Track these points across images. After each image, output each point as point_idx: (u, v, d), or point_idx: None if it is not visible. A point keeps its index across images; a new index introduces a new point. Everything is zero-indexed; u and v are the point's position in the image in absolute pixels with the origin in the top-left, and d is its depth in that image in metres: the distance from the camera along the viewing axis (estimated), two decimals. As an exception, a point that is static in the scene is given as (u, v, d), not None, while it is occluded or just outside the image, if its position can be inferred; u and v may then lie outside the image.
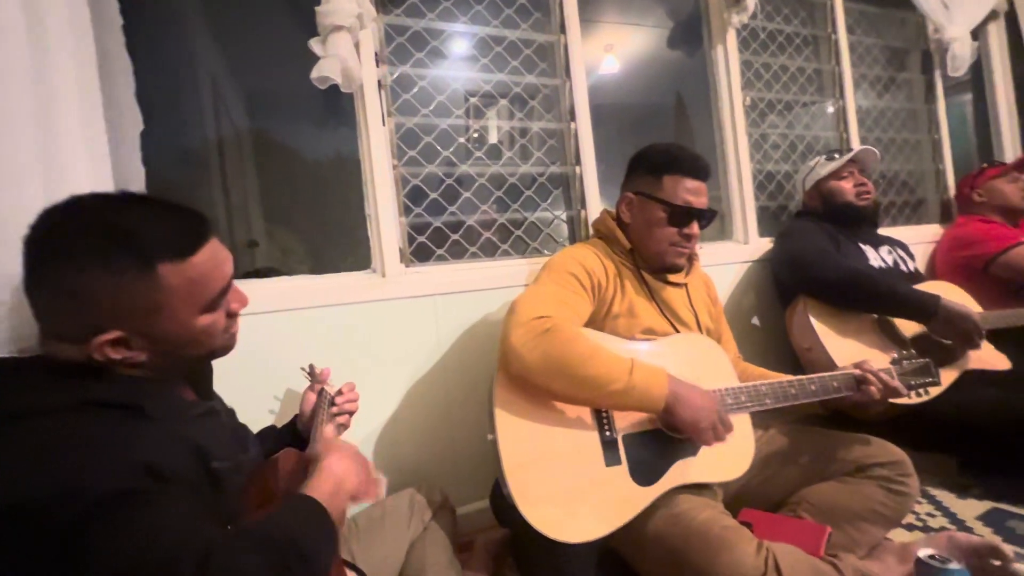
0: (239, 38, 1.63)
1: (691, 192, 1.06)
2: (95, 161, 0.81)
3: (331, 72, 1.13)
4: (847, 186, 1.57)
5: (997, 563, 0.88)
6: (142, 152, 0.95)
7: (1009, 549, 0.88)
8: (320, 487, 0.62)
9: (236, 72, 1.72)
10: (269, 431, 0.96)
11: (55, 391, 0.54)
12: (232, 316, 0.67)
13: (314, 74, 1.14)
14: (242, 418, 0.81)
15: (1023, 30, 2.28)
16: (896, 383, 1.01)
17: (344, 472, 0.66)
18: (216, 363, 0.74)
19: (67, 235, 0.54)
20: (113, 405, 0.55)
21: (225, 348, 0.67)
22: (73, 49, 0.79)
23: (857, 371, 1.03)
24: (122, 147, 0.87)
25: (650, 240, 1.09)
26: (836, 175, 1.59)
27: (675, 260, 1.10)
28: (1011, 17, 2.31)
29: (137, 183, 0.91)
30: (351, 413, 0.98)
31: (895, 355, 1.10)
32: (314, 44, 1.16)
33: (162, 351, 0.59)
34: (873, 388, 1.00)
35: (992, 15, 2.28)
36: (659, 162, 1.08)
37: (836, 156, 1.60)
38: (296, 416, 0.98)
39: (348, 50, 1.15)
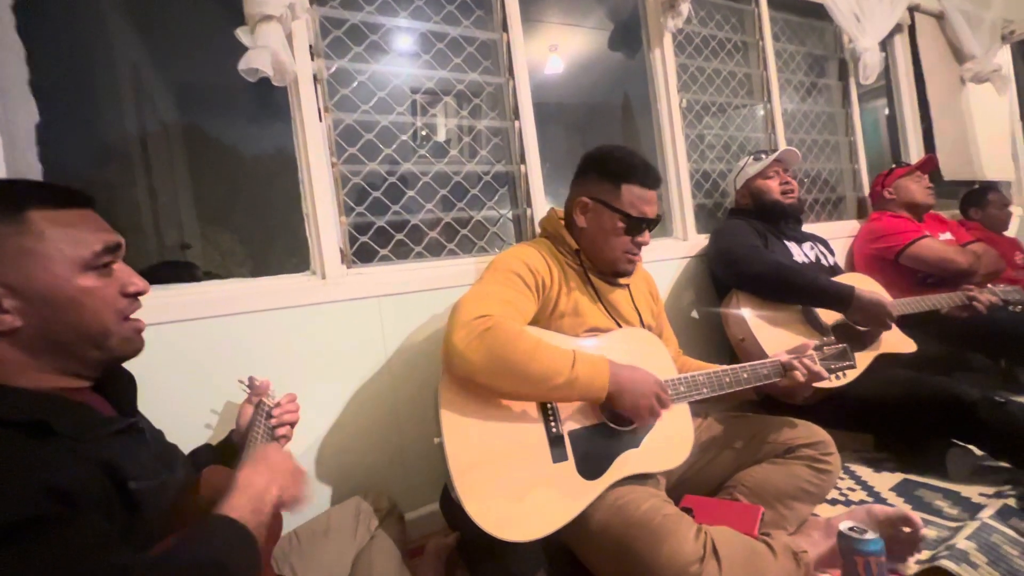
0: (161, 24, 1.51)
1: (647, 202, 1.08)
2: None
3: (260, 64, 1.07)
4: (773, 185, 1.67)
5: (908, 530, 0.97)
6: (48, 148, 0.87)
7: (918, 517, 0.97)
8: (237, 504, 0.58)
9: (161, 61, 1.60)
10: (203, 449, 0.91)
11: None
12: (129, 297, 0.62)
13: (242, 65, 1.08)
14: (178, 433, 0.77)
15: (919, 45, 2.51)
16: (818, 367, 1.09)
17: (264, 483, 0.62)
18: (148, 375, 0.70)
19: None
20: (14, 423, 0.50)
21: (124, 340, 0.62)
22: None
23: (784, 358, 1.09)
24: (15, 142, 0.78)
25: (604, 247, 1.10)
26: (763, 174, 1.68)
27: (626, 267, 1.13)
28: (912, 31, 2.54)
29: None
30: (292, 424, 0.94)
31: (817, 342, 1.18)
32: (241, 34, 1.10)
33: (39, 316, 0.54)
34: (798, 373, 1.07)
35: (897, 28, 2.50)
36: (616, 170, 1.08)
37: (762, 156, 1.70)
38: (232, 431, 0.93)
39: (279, 41, 1.10)
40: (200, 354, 1.08)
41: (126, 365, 0.67)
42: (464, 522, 0.84)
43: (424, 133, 1.50)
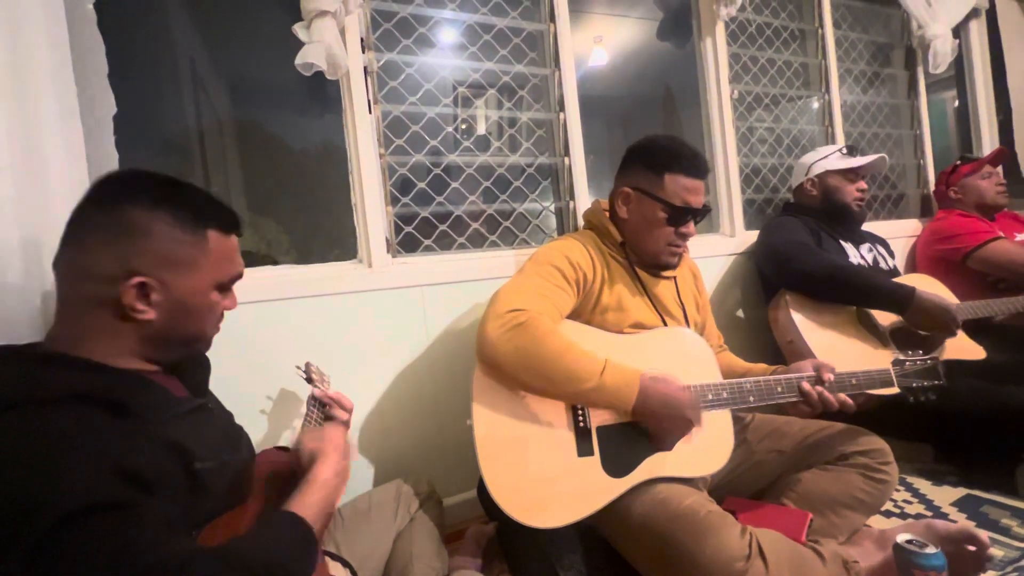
0: (218, 20, 1.58)
1: (691, 192, 1.04)
2: (70, 147, 0.79)
3: (316, 58, 1.11)
4: (852, 189, 1.58)
5: (972, 548, 0.90)
6: (118, 138, 0.92)
7: (984, 534, 0.90)
8: (310, 501, 0.61)
9: (217, 56, 1.67)
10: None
11: (35, 383, 0.52)
12: (221, 312, 0.69)
13: (298, 60, 1.11)
14: (231, 408, 0.80)
15: (1001, 28, 2.32)
16: (829, 399, 0.97)
17: (339, 482, 0.66)
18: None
19: (143, 181, 0.61)
20: (95, 399, 0.52)
21: (206, 340, 0.69)
22: (45, 29, 0.76)
23: (804, 376, 0.99)
24: (96, 131, 0.84)
25: (647, 238, 1.07)
26: (846, 174, 1.58)
27: (669, 259, 1.09)
28: (992, 15, 2.35)
29: (110, 168, 0.88)
30: (349, 410, 0.96)
31: (899, 356, 1.09)
32: (298, 29, 1.13)
33: (170, 315, 0.60)
34: (802, 406, 0.98)
35: (973, 13, 2.32)
36: (660, 160, 1.05)
37: (854, 155, 1.60)
38: None
39: (333, 36, 1.13)
40: (252, 335, 1.12)
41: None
42: (497, 507, 0.85)
43: (464, 127, 1.51)
